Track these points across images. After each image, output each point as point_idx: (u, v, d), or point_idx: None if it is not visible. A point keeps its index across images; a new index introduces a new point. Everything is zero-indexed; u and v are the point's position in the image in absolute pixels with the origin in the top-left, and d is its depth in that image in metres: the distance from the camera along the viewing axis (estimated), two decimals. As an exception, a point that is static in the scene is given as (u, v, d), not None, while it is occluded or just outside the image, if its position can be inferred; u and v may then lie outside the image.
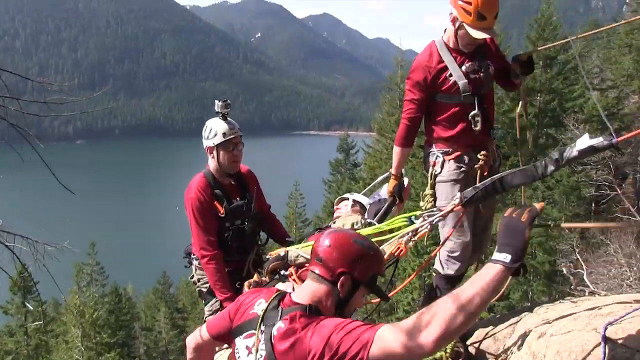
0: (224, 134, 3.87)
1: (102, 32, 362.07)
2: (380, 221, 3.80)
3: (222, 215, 3.90)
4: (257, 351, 2.01)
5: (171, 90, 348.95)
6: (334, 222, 4.12)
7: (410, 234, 2.97)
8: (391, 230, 3.22)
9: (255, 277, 3.76)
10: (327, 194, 32.31)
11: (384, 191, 4.27)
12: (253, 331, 2.06)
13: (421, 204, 3.79)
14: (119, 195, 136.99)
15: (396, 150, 3.84)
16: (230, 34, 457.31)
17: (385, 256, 2.92)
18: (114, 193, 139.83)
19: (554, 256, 19.17)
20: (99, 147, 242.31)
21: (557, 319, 2.95)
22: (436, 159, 3.72)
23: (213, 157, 3.93)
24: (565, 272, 17.71)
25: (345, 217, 4.04)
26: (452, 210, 2.86)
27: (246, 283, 3.66)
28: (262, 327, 2.04)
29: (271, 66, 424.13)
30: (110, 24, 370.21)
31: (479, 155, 3.63)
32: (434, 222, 2.94)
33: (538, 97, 23.93)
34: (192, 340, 2.50)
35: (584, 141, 2.43)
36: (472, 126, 3.56)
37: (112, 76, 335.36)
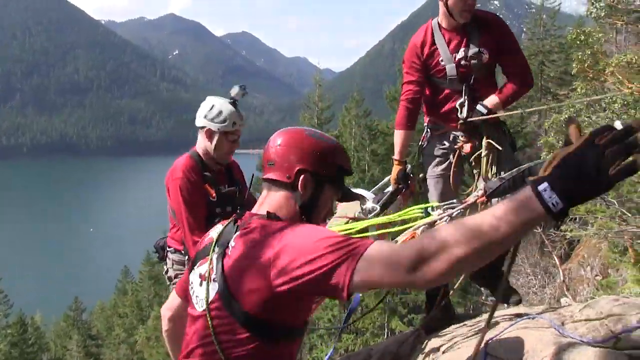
0: (234, 123, 3.40)
1: (5, 44, 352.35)
2: (382, 207, 3.46)
3: (213, 200, 3.40)
4: (209, 276, 1.68)
5: (84, 107, 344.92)
6: (335, 212, 3.77)
7: (427, 225, 2.66)
8: (404, 222, 2.91)
9: None
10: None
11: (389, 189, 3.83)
12: (207, 257, 1.74)
13: (394, 180, 3.58)
14: (27, 217, 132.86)
15: (397, 134, 3.60)
16: (147, 50, 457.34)
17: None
18: (21, 215, 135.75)
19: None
20: (4, 165, 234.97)
21: (456, 336, 2.91)
22: (425, 133, 3.64)
23: (208, 141, 3.41)
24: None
25: (344, 206, 3.72)
26: (475, 202, 2.66)
27: None
28: (216, 249, 1.72)
29: (189, 83, 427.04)
30: (16, 36, 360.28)
31: (460, 136, 3.46)
32: (453, 215, 2.66)
33: None
34: (165, 309, 2.20)
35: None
36: (458, 113, 3.39)
37: (19, 90, 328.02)
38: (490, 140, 3.38)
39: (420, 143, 3.70)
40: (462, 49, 3.39)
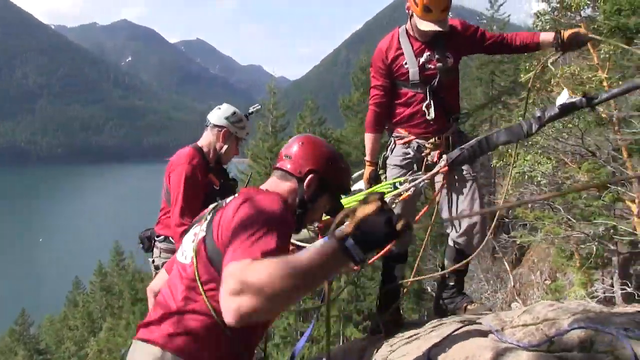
0: (247, 133, 3.81)
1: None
2: None
3: (216, 189, 3.62)
4: (200, 231, 1.84)
5: (34, 114, 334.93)
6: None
7: (394, 197, 2.87)
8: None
9: None
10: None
11: (359, 185, 3.97)
12: (203, 220, 1.89)
13: (366, 181, 3.73)
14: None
15: (367, 137, 3.73)
16: (100, 56, 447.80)
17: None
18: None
19: (421, 275, 24.10)
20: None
21: (403, 342, 2.94)
22: (389, 142, 3.70)
23: (222, 141, 3.67)
24: (429, 290, 17.91)
25: None
26: (437, 173, 2.86)
27: None
28: (212, 213, 1.87)
29: (143, 90, 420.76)
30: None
31: (426, 144, 3.52)
32: (419, 186, 2.89)
33: None
34: (150, 288, 2.25)
35: (563, 98, 2.60)
36: (426, 115, 3.47)
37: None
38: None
39: (384, 153, 3.74)
40: (426, 53, 3.49)
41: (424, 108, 3.49)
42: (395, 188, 3.08)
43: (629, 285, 13.29)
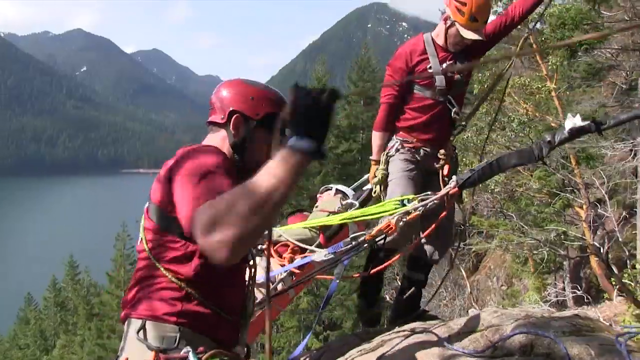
0: None
1: None
2: (361, 203, 3.76)
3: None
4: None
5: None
6: (317, 207, 4.13)
7: (402, 214, 2.85)
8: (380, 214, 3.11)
9: None
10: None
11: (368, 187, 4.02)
12: None
13: (372, 179, 3.75)
14: None
15: (375, 135, 3.72)
16: (52, 66, 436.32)
17: (374, 231, 2.88)
18: None
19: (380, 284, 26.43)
20: None
21: (356, 353, 2.93)
22: (394, 142, 3.67)
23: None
24: (388, 299, 18.18)
25: (326, 201, 4.01)
26: (447, 194, 2.80)
27: None
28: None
29: (98, 101, 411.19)
30: None
31: (439, 154, 3.57)
32: (428, 206, 2.83)
33: (361, 134, 25.64)
34: None
35: (571, 122, 2.63)
36: (449, 123, 3.57)
37: None
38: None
39: (387, 152, 3.70)
40: (448, 62, 3.55)
41: (452, 116, 3.58)
42: (403, 204, 3.01)
43: (579, 288, 13.75)
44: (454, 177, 2.87)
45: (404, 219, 2.95)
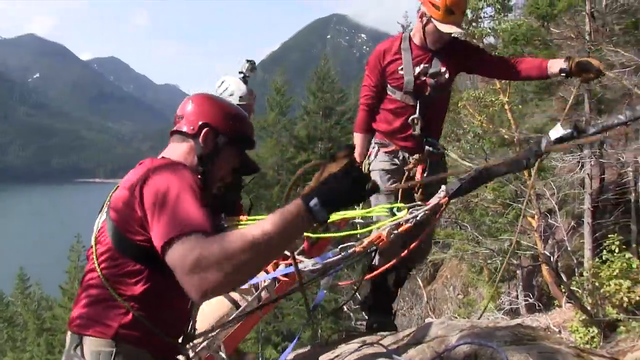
0: (240, 97, 3.62)
1: None
2: None
3: None
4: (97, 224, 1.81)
5: None
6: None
7: (393, 226, 2.77)
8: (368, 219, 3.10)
9: None
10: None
11: None
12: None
13: None
14: None
15: (357, 137, 3.68)
16: (4, 72, 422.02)
17: (365, 244, 2.81)
18: None
19: (338, 295, 19.88)
20: None
21: None
22: (372, 148, 3.63)
23: None
24: (345, 309, 18.17)
25: None
26: (438, 204, 2.77)
27: None
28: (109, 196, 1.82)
29: (52, 109, 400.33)
30: None
31: (410, 158, 3.52)
32: (418, 217, 2.75)
33: (319, 145, 25.76)
34: None
35: (555, 131, 2.65)
36: (412, 129, 3.45)
37: None
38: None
39: (367, 158, 3.66)
40: (423, 64, 3.43)
41: (409, 121, 3.46)
42: (392, 213, 2.95)
43: (531, 296, 14.12)
44: (442, 187, 2.83)
45: (395, 232, 2.85)
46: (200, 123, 1.90)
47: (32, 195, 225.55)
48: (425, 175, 3.49)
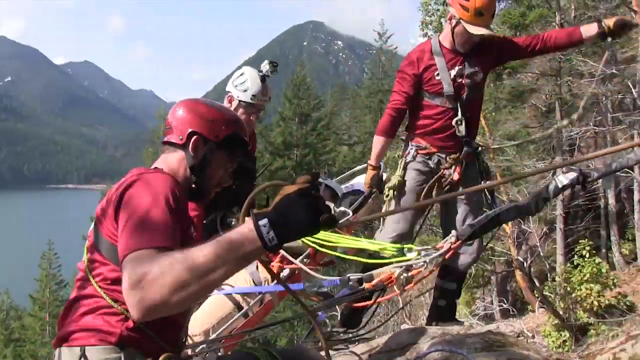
0: (254, 96, 3.55)
1: None
2: (354, 211, 3.69)
3: None
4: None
5: None
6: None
7: (404, 267, 2.71)
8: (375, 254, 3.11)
9: None
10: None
11: (357, 181, 4.05)
12: None
13: (367, 184, 3.71)
14: None
15: (377, 140, 3.68)
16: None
17: (374, 282, 2.77)
18: None
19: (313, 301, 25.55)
20: None
21: None
22: (409, 148, 3.64)
23: (228, 105, 3.58)
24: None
25: None
26: (450, 249, 2.74)
27: None
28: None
29: (24, 113, 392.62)
30: None
31: (447, 158, 3.54)
32: (428, 261, 2.73)
33: (295, 151, 25.97)
34: None
35: (563, 177, 2.71)
36: (456, 132, 3.49)
37: None
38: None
39: (404, 158, 3.66)
40: (457, 67, 3.45)
41: (454, 124, 3.48)
42: (402, 253, 2.86)
43: (505, 301, 14.27)
44: (453, 232, 2.79)
45: (405, 274, 2.76)
46: (188, 131, 1.88)
47: (2, 201, 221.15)
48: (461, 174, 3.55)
